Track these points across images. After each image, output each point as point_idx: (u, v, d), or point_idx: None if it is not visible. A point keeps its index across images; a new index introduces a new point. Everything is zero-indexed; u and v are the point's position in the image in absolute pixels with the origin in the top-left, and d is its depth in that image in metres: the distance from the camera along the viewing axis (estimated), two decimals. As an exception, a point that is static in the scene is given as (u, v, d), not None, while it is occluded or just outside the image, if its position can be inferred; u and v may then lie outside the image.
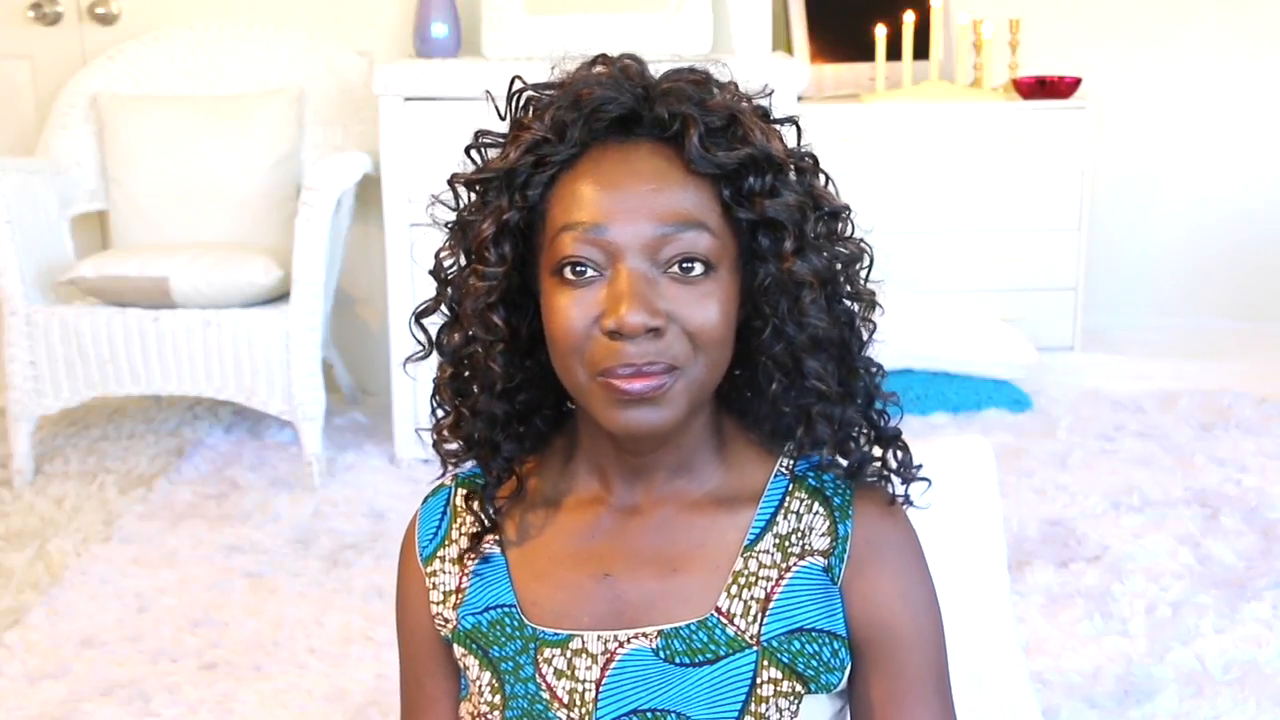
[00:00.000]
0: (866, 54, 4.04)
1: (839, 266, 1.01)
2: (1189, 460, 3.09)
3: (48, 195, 3.22)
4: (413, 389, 3.18)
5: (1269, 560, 2.57)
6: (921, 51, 4.03)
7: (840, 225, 1.03)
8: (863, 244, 1.04)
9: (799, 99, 3.24)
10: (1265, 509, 2.79)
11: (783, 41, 4.07)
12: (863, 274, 1.04)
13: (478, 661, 1.05)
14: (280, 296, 3.08)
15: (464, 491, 1.10)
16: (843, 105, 3.95)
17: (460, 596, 1.07)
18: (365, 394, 3.67)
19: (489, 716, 1.03)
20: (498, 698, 1.03)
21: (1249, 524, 2.73)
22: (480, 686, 1.04)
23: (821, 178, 1.03)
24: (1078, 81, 3.97)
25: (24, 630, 2.39)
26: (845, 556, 1.02)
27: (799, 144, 1.03)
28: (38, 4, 3.58)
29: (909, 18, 3.96)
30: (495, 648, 1.04)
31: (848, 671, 1.03)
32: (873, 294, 1.04)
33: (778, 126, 1.02)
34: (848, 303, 1.02)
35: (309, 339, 3.04)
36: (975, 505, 1.42)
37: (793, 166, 1.00)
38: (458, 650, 1.07)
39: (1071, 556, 2.60)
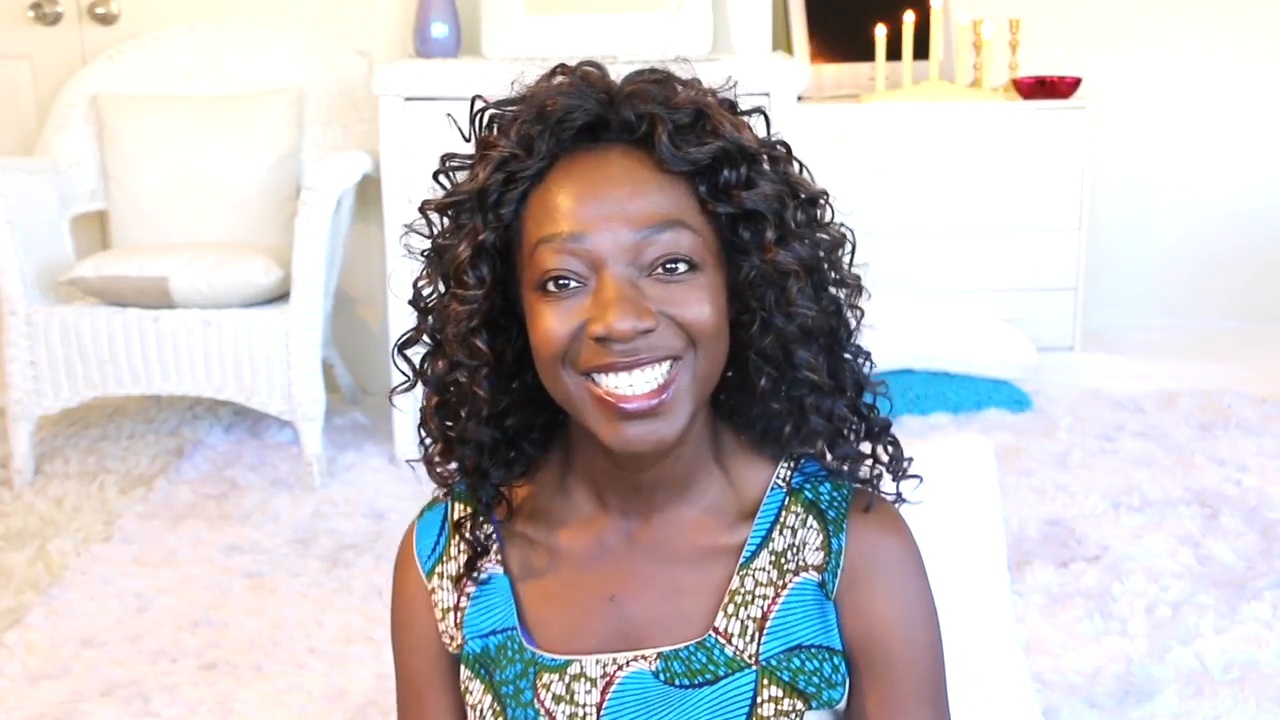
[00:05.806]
0: (866, 54, 4.04)
1: (822, 254, 0.99)
2: (1189, 460, 3.09)
3: (48, 195, 3.22)
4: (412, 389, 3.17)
5: (1269, 560, 2.57)
6: (921, 51, 4.03)
7: (819, 211, 1.01)
8: (843, 229, 1.02)
9: (799, 99, 3.24)
10: (1265, 509, 2.79)
11: (783, 41, 4.07)
12: (845, 259, 1.02)
13: (482, 685, 1.04)
14: (280, 296, 3.08)
15: (459, 509, 1.08)
16: (843, 105, 3.95)
17: (460, 615, 1.06)
18: (365, 394, 3.67)
19: None
20: None
21: (1249, 524, 2.73)
22: (481, 710, 1.03)
23: (796, 165, 1.01)
24: (1078, 81, 3.97)
25: (24, 630, 2.39)
26: (839, 571, 1.01)
27: (769, 133, 1.01)
28: (38, 4, 3.58)
29: (909, 18, 3.96)
30: (499, 671, 1.03)
31: (848, 687, 1.01)
32: (858, 278, 1.02)
33: (746, 118, 1.00)
34: (833, 290, 1.01)
35: (309, 339, 3.04)
36: (975, 505, 1.41)
37: (766, 156, 0.98)
38: (465, 673, 1.05)
39: (1071, 556, 2.59)
